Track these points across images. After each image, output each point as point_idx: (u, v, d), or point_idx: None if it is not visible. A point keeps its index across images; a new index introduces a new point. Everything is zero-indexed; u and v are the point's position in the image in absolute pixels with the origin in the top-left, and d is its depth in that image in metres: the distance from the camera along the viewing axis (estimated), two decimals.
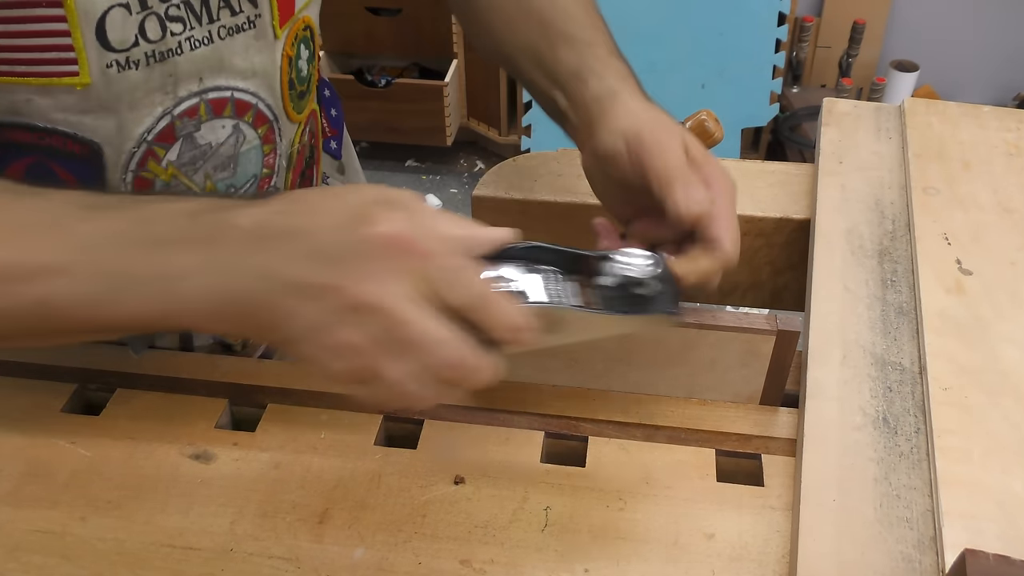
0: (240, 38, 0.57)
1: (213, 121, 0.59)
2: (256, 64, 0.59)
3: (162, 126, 0.56)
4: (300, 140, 0.69)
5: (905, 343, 0.57)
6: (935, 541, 0.46)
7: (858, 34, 2.44)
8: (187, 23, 0.54)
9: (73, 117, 0.53)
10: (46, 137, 0.53)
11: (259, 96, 0.61)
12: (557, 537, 0.51)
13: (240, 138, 0.61)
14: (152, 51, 0.53)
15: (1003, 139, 0.74)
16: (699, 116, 0.87)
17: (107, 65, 0.51)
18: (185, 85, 0.56)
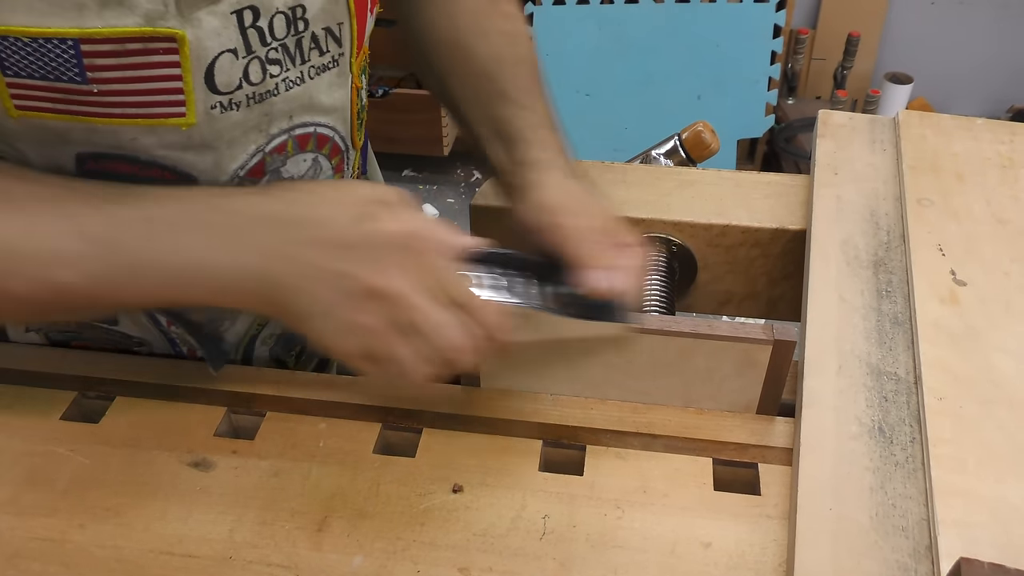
0: (325, 76, 0.59)
1: (297, 156, 0.60)
2: (336, 100, 0.61)
3: (255, 162, 0.58)
4: (358, 164, 0.71)
5: (900, 353, 0.57)
6: (931, 550, 0.46)
7: (853, 46, 2.45)
8: (283, 65, 0.55)
9: (174, 153, 0.54)
10: (146, 169, 0.54)
11: (336, 129, 0.63)
12: (555, 545, 0.51)
13: (318, 169, 0.63)
14: (253, 92, 0.54)
15: (996, 151, 0.74)
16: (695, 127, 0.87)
17: (211, 107, 0.53)
18: (277, 123, 0.57)
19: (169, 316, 0.65)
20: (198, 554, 0.51)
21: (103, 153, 0.53)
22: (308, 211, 0.49)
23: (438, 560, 0.50)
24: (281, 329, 0.70)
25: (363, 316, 0.47)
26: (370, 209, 0.48)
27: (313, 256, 0.47)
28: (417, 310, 0.47)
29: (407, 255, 0.48)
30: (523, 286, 0.54)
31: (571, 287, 0.53)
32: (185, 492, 0.54)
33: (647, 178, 0.77)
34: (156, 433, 0.58)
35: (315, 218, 0.48)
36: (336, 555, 0.51)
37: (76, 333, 0.67)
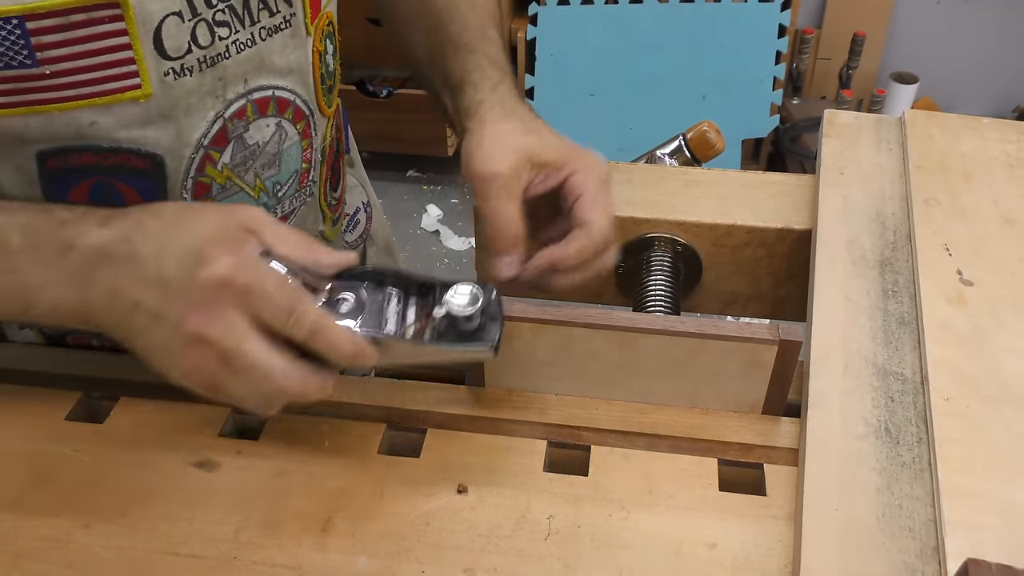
0: (278, 38, 0.59)
1: (259, 120, 0.61)
2: (292, 61, 0.61)
3: (216, 129, 0.58)
4: (330, 134, 0.71)
5: (907, 353, 0.57)
6: (937, 551, 0.46)
7: (858, 46, 2.45)
8: (232, 27, 0.56)
9: (136, 132, 0.54)
10: (110, 157, 0.55)
11: (296, 93, 0.63)
12: (560, 546, 0.51)
13: (283, 135, 0.63)
14: (204, 56, 0.55)
15: (1003, 151, 0.74)
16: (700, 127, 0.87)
17: (164, 74, 0.53)
18: (232, 87, 0.58)
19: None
20: (203, 554, 0.51)
21: (64, 147, 0.53)
22: (147, 251, 0.48)
23: (443, 561, 0.50)
24: None
25: (191, 358, 0.47)
26: (201, 249, 0.47)
27: (141, 297, 0.47)
28: (244, 356, 0.47)
29: (235, 298, 0.47)
30: (398, 304, 0.53)
31: (447, 305, 0.51)
32: (190, 492, 0.54)
33: (652, 178, 0.77)
34: (161, 433, 0.58)
35: (152, 258, 0.48)
36: (340, 556, 0.50)
37: (72, 329, 0.67)
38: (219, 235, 0.48)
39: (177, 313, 0.47)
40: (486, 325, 0.52)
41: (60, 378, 0.63)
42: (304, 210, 0.69)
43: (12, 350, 0.66)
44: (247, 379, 0.48)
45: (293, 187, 0.67)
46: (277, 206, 0.66)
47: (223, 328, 0.47)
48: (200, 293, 0.47)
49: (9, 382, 0.63)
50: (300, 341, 0.48)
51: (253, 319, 0.47)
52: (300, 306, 0.48)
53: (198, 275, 0.47)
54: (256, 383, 0.48)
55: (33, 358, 0.65)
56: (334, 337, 0.49)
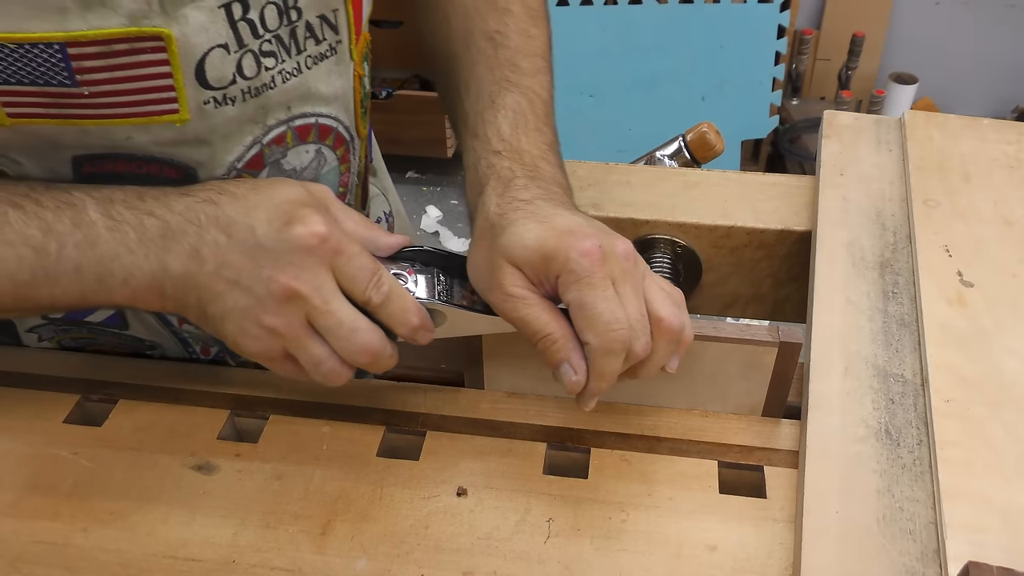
0: (324, 65, 0.58)
1: (299, 147, 0.60)
2: (337, 88, 0.60)
3: (252, 154, 0.57)
4: (364, 155, 0.71)
5: (907, 355, 0.57)
6: (939, 553, 0.46)
7: (857, 47, 2.45)
8: (278, 57, 0.55)
9: (169, 149, 0.54)
10: (144, 165, 0.54)
11: (339, 119, 0.62)
12: (560, 549, 0.51)
13: (321, 161, 0.62)
14: (248, 87, 0.54)
15: (1003, 151, 0.74)
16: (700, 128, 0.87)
17: (204, 102, 0.52)
18: (274, 115, 0.57)
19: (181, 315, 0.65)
20: (201, 558, 0.50)
21: (99, 154, 0.53)
22: (230, 213, 0.49)
23: (442, 563, 0.50)
24: None
25: (276, 317, 0.48)
26: (291, 210, 0.48)
27: (231, 258, 0.48)
28: (333, 313, 0.48)
29: (325, 257, 0.48)
30: (441, 284, 0.54)
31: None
32: (188, 496, 0.54)
33: (651, 179, 0.77)
34: (159, 436, 0.58)
35: (236, 221, 0.48)
36: (340, 559, 0.50)
37: (90, 339, 0.66)
38: (304, 199, 0.49)
39: (268, 270, 0.47)
40: None
41: (59, 381, 0.63)
42: None
43: (11, 352, 0.66)
44: (333, 335, 0.48)
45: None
46: None
47: (315, 284, 0.48)
48: (293, 250, 0.47)
49: (7, 385, 0.62)
50: (375, 306, 0.49)
51: (339, 278, 0.48)
52: (380, 271, 0.50)
53: (292, 232, 0.47)
54: (341, 340, 0.48)
55: (32, 360, 0.65)
56: (407, 304, 0.50)
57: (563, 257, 0.48)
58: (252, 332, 0.48)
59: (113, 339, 0.66)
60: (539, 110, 0.60)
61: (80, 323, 0.64)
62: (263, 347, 0.49)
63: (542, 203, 0.52)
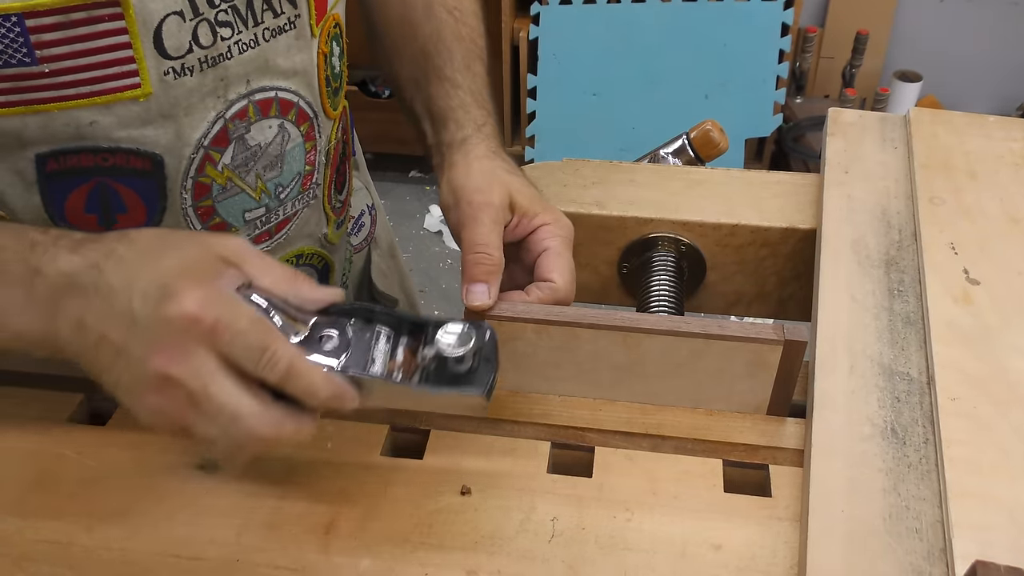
0: (282, 39, 0.59)
1: (261, 122, 0.60)
2: (297, 63, 0.61)
3: (216, 130, 0.57)
4: (335, 136, 0.71)
5: (913, 353, 0.57)
6: (945, 552, 0.46)
7: (861, 44, 2.44)
8: (235, 27, 0.55)
9: (135, 131, 0.54)
10: (109, 157, 0.54)
11: (300, 95, 0.62)
12: (564, 548, 0.51)
13: (285, 137, 0.63)
14: (205, 56, 0.54)
15: (1009, 149, 0.74)
16: (704, 126, 0.87)
17: (164, 73, 0.53)
18: (234, 88, 0.57)
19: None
20: (205, 557, 0.50)
21: (63, 149, 0.53)
22: (116, 281, 0.46)
23: (446, 563, 0.50)
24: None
25: (157, 398, 0.45)
26: (169, 284, 0.45)
27: (112, 331, 0.45)
28: (212, 398, 0.44)
29: (203, 337, 0.44)
30: (386, 343, 0.50)
31: (437, 345, 0.48)
32: (192, 495, 0.54)
33: (655, 178, 0.77)
34: (163, 435, 0.58)
35: (121, 289, 0.45)
36: (343, 558, 0.50)
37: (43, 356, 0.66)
38: (192, 267, 0.46)
39: (142, 351, 0.44)
40: (479, 368, 0.49)
41: (62, 380, 0.62)
42: (307, 212, 0.69)
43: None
44: (215, 422, 0.45)
45: (296, 189, 0.66)
46: (279, 208, 0.66)
47: (190, 368, 0.44)
48: (165, 330, 0.44)
49: (11, 384, 0.62)
50: (274, 383, 0.46)
51: (223, 359, 0.45)
52: (273, 345, 0.45)
53: (163, 311, 0.44)
54: (225, 426, 0.45)
55: (35, 360, 0.64)
56: (310, 379, 0.46)
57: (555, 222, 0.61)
58: (141, 409, 0.46)
59: None
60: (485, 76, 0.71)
61: None
62: (157, 423, 0.46)
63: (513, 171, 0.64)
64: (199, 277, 0.45)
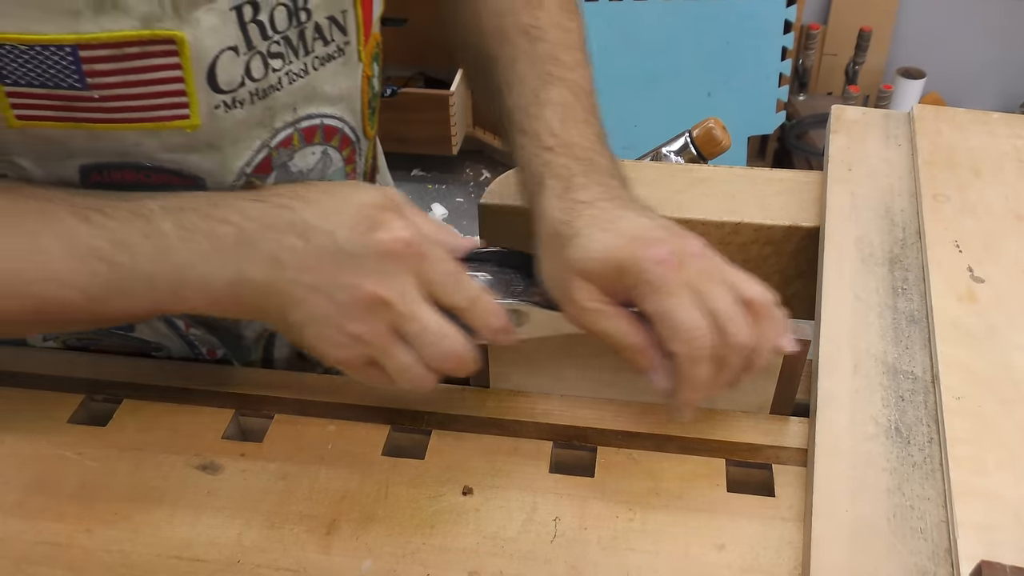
0: (330, 66, 0.57)
1: (305, 149, 0.59)
2: (343, 89, 0.60)
3: (260, 158, 0.56)
4: (371, 155, 0.70)
5: (917, 352, 0.56)
6: (950, 553, 0.46)
7: (864, 41, 2.44)
8: (286, 58, 0.54)
9: (179, 156, 0.53)
10: (152, 175, 0.53)
11: (344, 120, 0.61)
12: (567, 548, 0.50)
13: (327, 163, 0.62)
14: (256, 89, 0.53)
15: (1013, 145, 0.73)
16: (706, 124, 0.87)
17: (215, 107, 0.52)
18: (280, 116, 0.56)
19: (187, 319, 0.64)
20: (206, 558, 0.50)
21: (107, 163, 0.52)
22: (310, 218, 0.48)
23: (448, 563, 0.50)
24: None
25: (362, 325, 0.47)
26: (372, 215, 0.47)
27: (312, 264, 0.47)
28: (416, 318, 0.47)
29: (410, 262, 0.47)
30: (516, 283, 0.53)
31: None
32: (193, 496, 0.54)
33: (658, 176, 0.76)
34: (164, 436, 0.58)
35: (315, 226, 0.47)
36: (345, 559, 0.50)
37: (94, 340, 0.66)
38: (384, 203, 0.48)
39: (351, 277, 0.46)
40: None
41: (63, 381, 0.62)
42: None
43: (15, 353, 0.65)
44: (420, 342, 0.47)
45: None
46: None
47: (399, 291, 0.47)
48: (377, 256, 0.46)
49: (11, 385, 0.62)
50: (460, 310, 0.48)
51: (422, 284, 0.47)
52: (463, 274, 0.49)
53: (375, 238, 0.47)
54: (428, 347, 0.47)
55: (36, 361, 0.64)
56: (489, 307, 0.49)
57: (636, 268, 0.47)
58: (336, 339, 0.47)
59: (119, 340, 0.66)
60: (585, 102, 0.59)
61: None
62: (347, 354, 0.48)
63: (605, 204, 0.51)
64: (395, 211, 0.48)
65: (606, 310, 0.49)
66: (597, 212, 0.50)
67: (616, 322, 0.49)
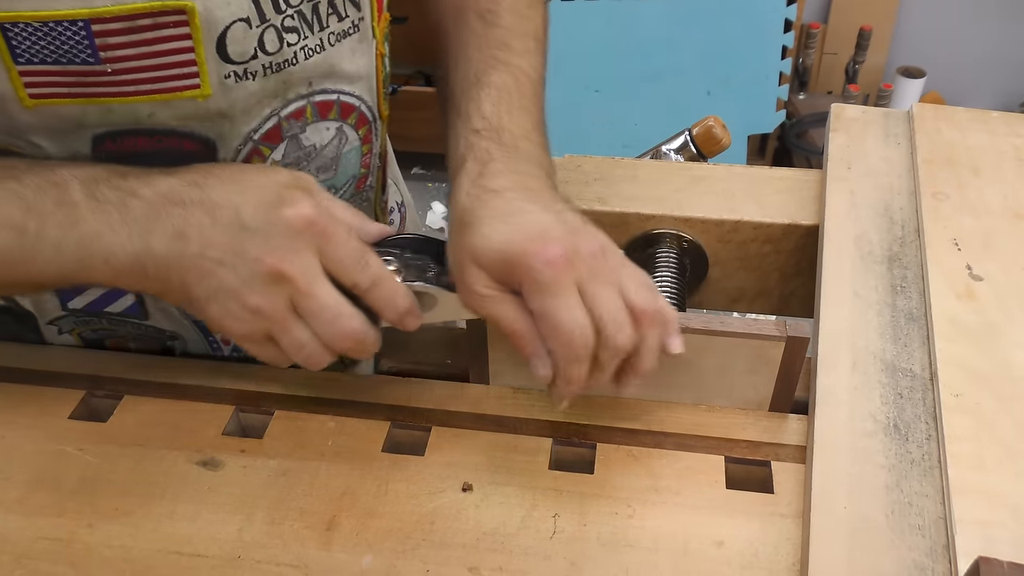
0: (347, 43, 0.58)
1: (318, 123, 0.59)
2: (361, 67, 0.60)
3: (269, 126, 0.57)
4: (384, 136, 0.70)
5: (915, 349, 0.57)
6: (948, 549, 0.46)
7: (864, 40, 2.44)
8: (301, 33, 0.54)
9: (191, 123, 0.54)
10: (163, 140, 0.54)
11: (362, 99, 0.62)
12: (566, 544, 0.50)
13: (343, 139, 0.62)
14: (270, 62, 0.54)
15: (1012, 144, 0.73)
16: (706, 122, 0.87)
17: (225, 76, 0.52)
18: (294, 89, 0.56)
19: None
20: (207, 554, 0.50)
21: (119, 131, 0.53)
22: (220, 195, 0.48)
23: (448, 559, 0.50)
24: None
25: (261, 298, 0.48)
26: (280, 192, 0.48)
27: (217, 239, 0.47)
28: (314, 296, 0.48)
29: (314, 239, 0.48)
30: (427, 268, 0.54)
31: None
32: (193, 492, 0.54)
33: (657, 174, 0.76)
34: (164, 432, 0.58)
35: (227, 202, 0.48)
36: (345, 554, 0.50)
37: (110, 331, 0.66)
38: (292, 182, 0.50)
39: (255, 252, 0.47)
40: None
41: (63, 377, 0.62)
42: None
43: (16, 349, 0.66)
44: (316, 319, 0.48)
45: (349, 191, 0.65)
46: None
47: (300, 267, 0.47)
48: (281, 232, 0.47)
49: (12, 381, 0.62)
50: (362, 290, 0.49)
51: (325, 262, 0.48)
52: (368, 255, 0.49)
53: (280, 214, 0.47)
54: (324, 324, 0.48)
55: (37, 357, 0.65)
56: (394, 288, 0.50)
57: (526, 265, 0.48)
58: (236, 313, 0.48)
59: (134, 330, 0.66)
60: (526, 89, 0.59)
61: (100, 314, 0.64)
62: (246, 328, 0.49)
63: (512, 195, 0.51)
64: (303, 190, 0.49)
65: (494, 296, 0.50)
66: (501, 203, 0.51)
67: (503, 307, 0.50)
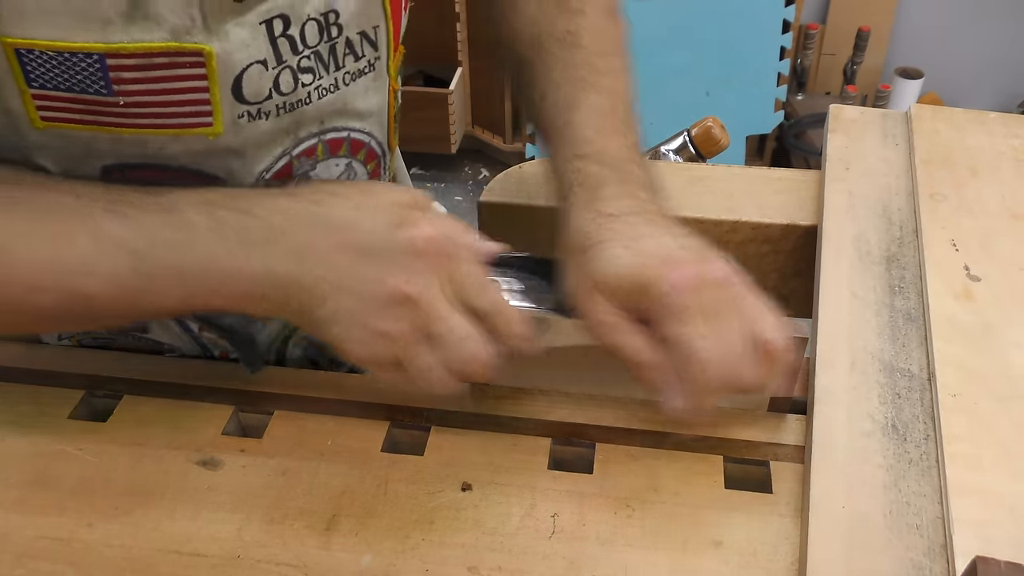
0: (361, 81, 0.57)
1: (328, 160, 0.59)
2: (373, 105, 0.59)
3: (280, 165, 0.56)
4: (393, 165, 0.69)
5: (914, 349, 0.57)
6: (946, 548, 0.46)
7: (863, 41, 2.44)
8: (316, 73, 0.54)
9: (201, 159, 0.53)
10: (174, 175, 0.53)
11: (372, 135, 0.61)
12: (565, 544, 0.51)
13: (351, 175, 0.61)
14: (283, 102, 0.53)
15: (1010, 145, 0.74)
16: (705, 123, 0.87)
17: (239, 116, 0.51)
18: (306, 128, 0.56)
19: (200, 321, 0.64)
20: (206, 553, 0.50)
21: (129, 163, 0.52)
22: (340, 215, 0.47)
23: (447, 559, 0.50)
24: None
25: (388, 323, 0.46)
26: (401, 213, 0.47)
27: (343, 261, 0.46)
28: (443, 319, 0.46)
29: (437, 261, 0.47)
30: (540, 290, 0.53)
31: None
32: (193, 491, 0.54)
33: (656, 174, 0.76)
34: (164, 432, 0.58)
35: (347, 222, 0.47)
36: (345, 554, 0.50)
37: (109, 340, 0.66)
38: (412, 202, 0.48)
39: (378, 274, 0.46)
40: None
41: (63, 376, 0.62)
42: None
43: (16, 349, 0.66)
44: (442, 344, 0.47)
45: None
46: None
47: (425, 290, 0.46)
48: (404, 253, 0.46)
49: (12, 381, 0.62)
50: (482, 314, 0.48)
51: (447, 284, 0.47)
52: (488, 280, 0.48)
53: (403, 235, 0.46)
54: (451, 349, 0.47)
55: (37, 356, 0.65)
56: (512, 313, 0.48)
57: (655, 291, 0.47)
58: (361, 337, 0.47)
59: (133, 341, 0.66)
60: (620, 110, 0.58)
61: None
62: (371, 352, 0.47)
63: (631, 219, 0.51)
64: (423, 211, 0.48)
65: (620, 324, 0.49)
66: (621, 227, 0.50)
67: (630, 338, 0.49)
